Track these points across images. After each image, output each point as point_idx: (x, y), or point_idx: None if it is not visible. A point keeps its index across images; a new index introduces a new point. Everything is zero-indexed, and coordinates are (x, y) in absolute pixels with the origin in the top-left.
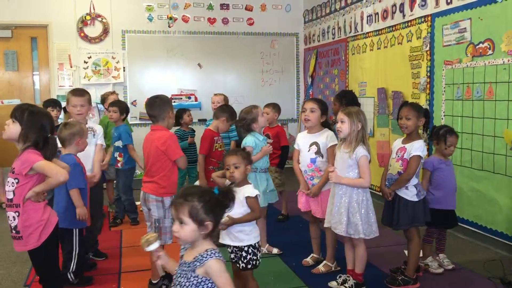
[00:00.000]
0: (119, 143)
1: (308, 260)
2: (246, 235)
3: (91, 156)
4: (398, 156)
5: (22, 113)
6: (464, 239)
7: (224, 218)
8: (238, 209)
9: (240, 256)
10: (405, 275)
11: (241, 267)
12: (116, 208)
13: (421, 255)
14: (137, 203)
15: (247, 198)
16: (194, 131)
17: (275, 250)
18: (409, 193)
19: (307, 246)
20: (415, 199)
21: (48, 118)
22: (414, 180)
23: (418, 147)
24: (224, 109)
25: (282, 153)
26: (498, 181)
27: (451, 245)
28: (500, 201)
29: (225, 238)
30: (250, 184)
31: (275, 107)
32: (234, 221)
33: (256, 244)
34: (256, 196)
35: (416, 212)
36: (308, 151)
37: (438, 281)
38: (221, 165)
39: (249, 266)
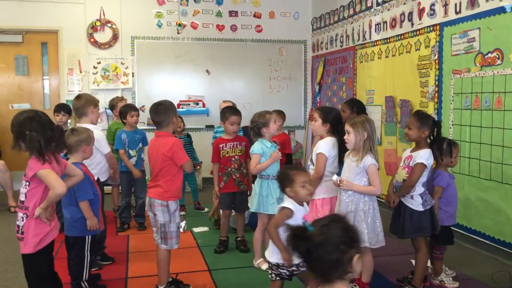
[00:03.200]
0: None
1: None
2: None
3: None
4: (405, 164)
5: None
6: (472, 250)
7: None
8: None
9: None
10: (412, 285)
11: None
12: (124, 213)
13: (429, 264)
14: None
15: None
16: (189, 136)
17: None
18: (414, 202)
19: None
20: (421, 208)
21: (25, 121)
22: (420, 189)
23: (423, 155)
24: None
25: (287, 161)
26: (506, 191)
27: (459, 255)
28: (508, 212)
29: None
30: None
31: (279, 114)
32: None
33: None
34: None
35: (422, 222)
36: (310, 158)
37: None
38: (228, 170)
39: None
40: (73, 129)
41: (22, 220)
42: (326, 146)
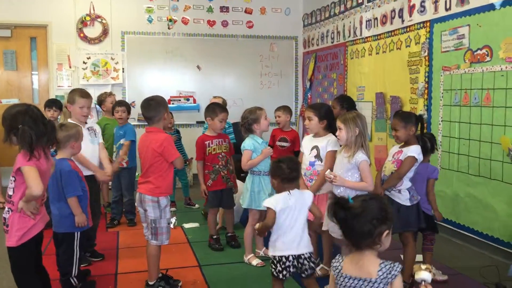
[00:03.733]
0: (124, 141)
1: None
2: None
3: (96, 155)
4: (394, 158)
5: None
6: (460, 245)
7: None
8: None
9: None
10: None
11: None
12: (114, 209)
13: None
14: None
15: None
16: (178, 132)
17: None
18: (402, 197)
19: None
20: (408, 203)
21: (18, 114)
22: (408, 184)
23: (414, 150)
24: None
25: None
26: (494, 187)
27: (447, 250)
28: (496, 207)
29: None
30: None
31: (286, 110)
32: None
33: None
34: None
35: (409, 216)
36: (309, 154)
37: (434, 286)
38: (216, 167)
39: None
40: (62, 125)
41: (8, 213)
42: (338, 143)
